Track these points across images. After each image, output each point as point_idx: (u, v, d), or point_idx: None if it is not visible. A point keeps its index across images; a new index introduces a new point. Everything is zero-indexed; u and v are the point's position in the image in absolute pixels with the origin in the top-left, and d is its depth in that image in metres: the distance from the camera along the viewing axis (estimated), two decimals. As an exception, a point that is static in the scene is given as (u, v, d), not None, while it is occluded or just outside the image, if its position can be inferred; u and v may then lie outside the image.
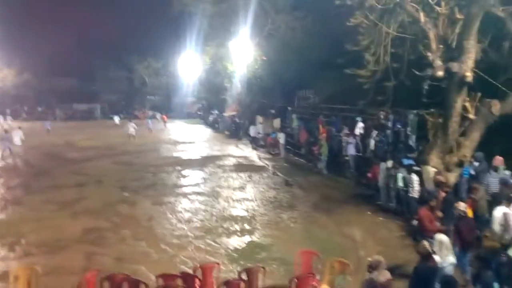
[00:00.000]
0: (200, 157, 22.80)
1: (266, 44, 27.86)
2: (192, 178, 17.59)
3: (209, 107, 43.90)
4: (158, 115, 45.86)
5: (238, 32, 28.15)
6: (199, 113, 49.19)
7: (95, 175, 18.01)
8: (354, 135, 17.33)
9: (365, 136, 17.06)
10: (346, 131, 18.12)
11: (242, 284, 6.85)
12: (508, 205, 7.77)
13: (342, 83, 19.82)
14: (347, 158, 16.73)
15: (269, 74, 28.67)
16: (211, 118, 40.78)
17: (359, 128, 17.92)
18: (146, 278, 7.45)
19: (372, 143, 16.00)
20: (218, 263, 7.78)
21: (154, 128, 36.43)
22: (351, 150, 16.54)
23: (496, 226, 7.74)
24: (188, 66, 42.83)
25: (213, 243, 10.25)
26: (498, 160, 10.01)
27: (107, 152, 24.17)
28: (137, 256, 9.43)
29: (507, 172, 10.02)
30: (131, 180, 17.04)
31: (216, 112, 39.41)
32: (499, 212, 7.83)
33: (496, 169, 9.83)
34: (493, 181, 9.47)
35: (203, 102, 48.12)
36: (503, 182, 9.27)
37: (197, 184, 16.38)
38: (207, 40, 34.65)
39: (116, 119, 42.52)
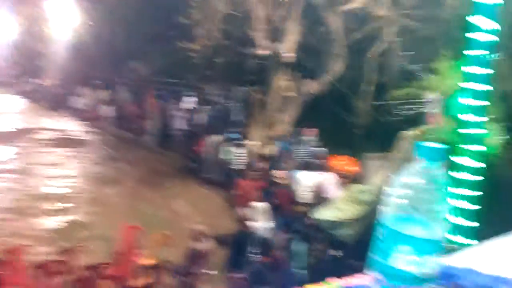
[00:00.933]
0: (12, 131, 20.08)
1: (93, 8, 25.72)
2: (-1, 154, 15.42)
3: (25, 74, 38.77)
4: None
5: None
6: (12, 81, 43.07)
7: None
8: (184, 109, 17.40)
9: (194, 111, 17.28)
10: (175, 105, 18.07)
11: (58, 265, 6.36)
12: (319, 173, 8.76)
13: (174, 57, 19.58)
14: (176, 132, 16.74)
15: (96, 42, 26.58)
16: (27, 87, 36.16)
17: (189, 102, 18.05)
18: None
19: (200, 117, 16.30)
20: (29, 245, 7.05)
21: None
22: (180, 124, 16.60)
23: (296, 186, 8.72)
24: (-2, 26, 37.01)
25: (26, 225, 9.24)
26: (307, 132, 11.23)
27: None
28: None
29: (315, 143, 11.32)
30: None
31: (34, 80, 35.04)
32: (303, 176, 8.81)
33: (301, 141, 11.02)
34: (300, 152, 10.60)
35: (17, 68, 42.31)
36: (311, 153, 10.46)
37: (6, 161, 14.39)
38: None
39: None
